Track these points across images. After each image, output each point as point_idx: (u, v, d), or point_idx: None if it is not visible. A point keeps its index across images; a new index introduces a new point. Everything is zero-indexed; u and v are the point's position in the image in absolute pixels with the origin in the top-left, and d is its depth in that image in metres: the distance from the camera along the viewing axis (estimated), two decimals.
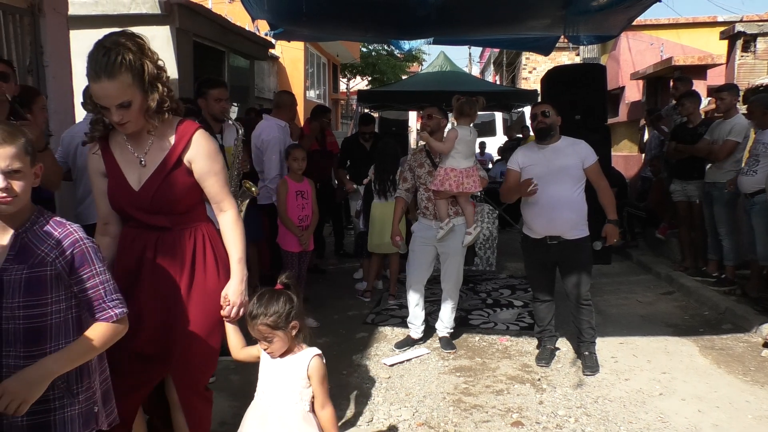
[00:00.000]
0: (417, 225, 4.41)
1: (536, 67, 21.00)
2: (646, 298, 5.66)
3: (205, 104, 3.84)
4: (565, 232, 3.84)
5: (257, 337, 2.16)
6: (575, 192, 3.82)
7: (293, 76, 13.06)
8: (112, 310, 1.76)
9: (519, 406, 3.43)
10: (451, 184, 4.06)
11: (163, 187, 2.17)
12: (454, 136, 4.08)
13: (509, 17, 6.55)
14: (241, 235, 2.32)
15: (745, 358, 4.10)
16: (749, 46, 6.43)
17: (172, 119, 2.22)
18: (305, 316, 2.23)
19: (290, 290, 2.20)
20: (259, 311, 2.12)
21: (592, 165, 3.84)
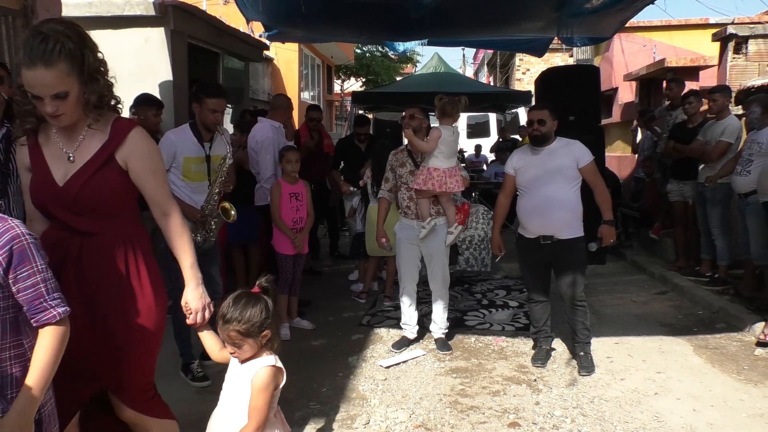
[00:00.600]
0: (399, 225, 4.42)
1: (530, 68, 21.06)
2: (641, 298, 5.69)
3: (198, 110, 3.70)
4: (558, 232, 3.86)
5: (226, 341, 2.10)
6: (570, 192, 3.84)
7: (288, 78, 13.03)
8: (55, 309, 1.68)
9: (515, 406, 3.44)
10: (434, 183, 4.08)
11: (90, 185, 2.03)
12: (438, 135, 4.10)
13: (503, 19, 6.57)
14: (189, 239, 2.21)
15: (738, 357, 4.12)
16: (741, 48, 6.47)
17: (109, 116, 2.09)
18: (280, 324, 2.23)
19: (268, 295, 2.14)
20: (233, 316, 2.05)
21: (587, 165, 3.85)
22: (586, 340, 3.99)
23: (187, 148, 3.69)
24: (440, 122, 4.20)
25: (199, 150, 3.73)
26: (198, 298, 2.18)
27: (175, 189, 3.62)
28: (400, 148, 4.49)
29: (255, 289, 2.14)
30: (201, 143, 3.75)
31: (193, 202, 3.71)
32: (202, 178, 3.76)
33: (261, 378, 2.08)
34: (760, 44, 6.42)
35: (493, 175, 10.31)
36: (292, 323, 4.75)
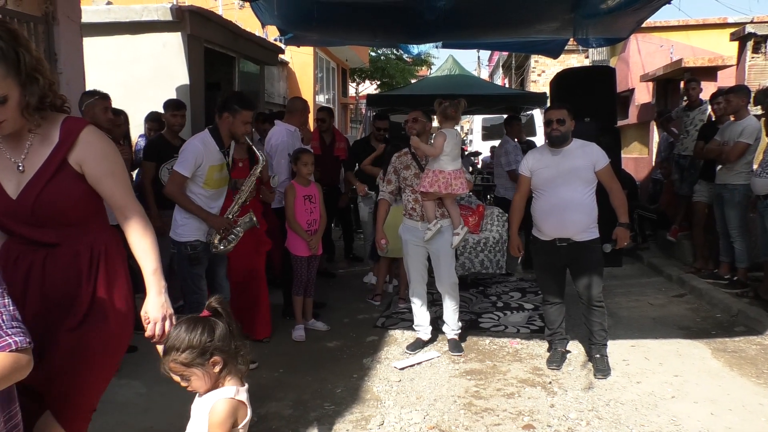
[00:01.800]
0: (403, 227, 4.42)
1: (545, 70, 20.94)
2: (658, 301, 5.64)
3: (231, 121, 3.69)
4: (574, 234, 3.83)
5: (171, 376, 1.86)
6: (585, 194, 3.82)
7: (303, 81, 13.11)
8: (11, 337, 1.48)
9: (530, 409, 3.43)
10: (439, 186, 4.10)
11: (46, 195, 1.86)
12: (443, 139, 4.12)
13: (517, 21, 6.56)
14: (152, 244, 2.02)
15: (758, 361, 4.07)
16: (760, 47, 6.40)
17: (56, 116, 1.91)
18: (240, 346, 1.90)
19: (219, 317, 1.90)
20: (170, 345, 1.81)
21: (604, 167, 3.83)
22: (603, 342, 3.96)
23: (213, 156, 3.69)
24: (442, 126, 4.21)
25: (221, 158, 3.75)
26: (159, 307, 1.99)
27: (194, 197, 3.68)
28: (403, 151, 4.48)
29: (204, 313, 1.91)
30: (222, 150, 3.78)
31: (209, 209, 3.75)
32: (222, 185, 3.80)
33: (216, 413, 1.84)
34: None
35: None
36: (307, 325, 4.78)
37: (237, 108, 3.66)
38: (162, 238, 4.69)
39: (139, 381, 3.74)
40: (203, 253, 3.73)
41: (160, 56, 5.71)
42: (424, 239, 4.22)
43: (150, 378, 3.65)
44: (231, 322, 1.90)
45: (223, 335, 1.84)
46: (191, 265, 3.71)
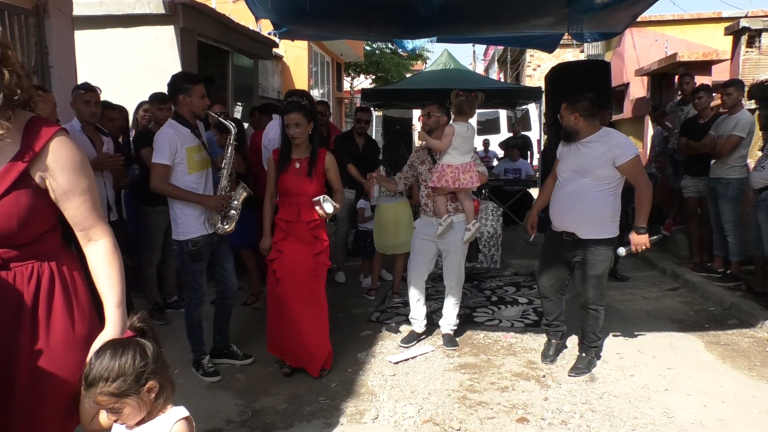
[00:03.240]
0: (419, 222, 4.44)
1: (540, 65, 20.95)
2: (652, 294, 5.66)
3: (188, 101, 3.62)
4: (578, 231, 3.74)
5: (98, 409, 1.64)
6: (596, 190, 3.64)
7: (297, 75, 13.05)
8: None
9: (524, 402, 3.44)
10: (447, 180, 4.08)
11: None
12: (451, 132, 4.08)
13: (512, 16, 6.55)
14: (119, 272, 1.79)
15: (750, 353, 4.09)
16: (754, 42, 6.40)
17: (22, 116, 1.67)
18: (168, 368, 1.70)
19: (146, 337, 1.69)
20: (96, 374, 1.56)
21: (625, 162, 3.55)
22: (591, 345, 3.89)
23: (186, 138, 3.63)
24: (455, 119, 4.18)
25: (194, 139, 3.70)
26: None
27: (186, 187, 3.64)
28: (421, 146, 4.47)
29: (128, 334, 1.69)
30: (193, 132, 3.72)
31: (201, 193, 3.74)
32: (205, 166, 3.75)
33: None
34: None
35: (503, 171, 10.28)
36: None
37: (188, 86, 3.63)
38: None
39: None
40: (205, 248, 3.73)
41: (153, 50, 5.67)
42: (436, 234, 4.21)
43: None
44: (158, 339, 1.70)
45: (156, 357, 1.64)
46: (193, 262, 3.70)
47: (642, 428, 3.11)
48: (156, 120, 4.68)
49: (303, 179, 3.67)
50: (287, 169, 3.71)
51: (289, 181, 3.70)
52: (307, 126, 3.64)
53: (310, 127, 3.66)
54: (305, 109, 3.61)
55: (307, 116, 3.62)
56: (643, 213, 3.66)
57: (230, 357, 4.05)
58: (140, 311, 1.78)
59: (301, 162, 3.71)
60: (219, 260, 3.87)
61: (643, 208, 3.65)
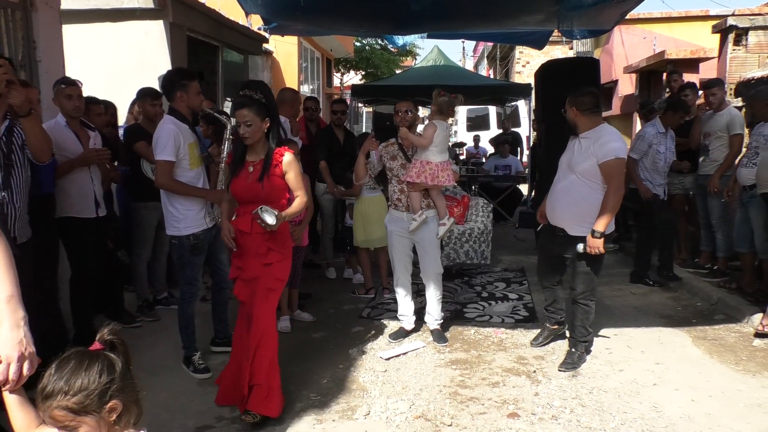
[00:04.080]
0: (389, 218, 4.42)
1: (530, 61, 21.02)
2: (640, 290, 5.71)
3: (185, 97, 3.67)
4: (566, 227, 3.79)
5: (52, 424, 1.44)
6: (582, 187, 3.68)
7: (287, 71, 13.00)
8: None
9: (515, 397, 3.46)
10: (426, 176, 4.10)
11: None
12: (433, 131, 4.11)
13: (503, 12, 6.55)
14: (8, 265, 1.60)
15: (737, 348, 4.14)
16: (741, 40, 6.46)
17: None
18: (137, 388, 1.53)
19: (116, 351, 1.51)
20: (56, 387, 1.40)
21: (603, 162, 3.57)
22: (580, 339, 3.91)
23: (186, 134, 3.69)
24: (434, 117, 4.20)
25: (192, 135, 3.77)
26: (15, 344, 1.53)
27: (187, 182, 3.66)
28: (390, 141, 4.46)
29: (95, 346, 1.51)
30: (191, 128, 3.78)
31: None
32: (201, 162, 3.82)
33: None
34: (761, 36, 6.41)
35: (493, 167, 10.31)
36: (292, 316, 4.78)
37: (185, 83, 3.68)
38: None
39: None
40: (204, 242, 3.77)
41: (142, 45, 5.63)
42: (409, 230, 4.23)
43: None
44: (128, 356, 1.54)
45: (123, 374, 1.47)
46: (193, 255, 3.72)
47: (631, 423, 3.14)
48: (147, 116, 4.65)
49: (254, 185, 3.20)
50: (239, 173, 3.27)
51: (240, 187, 3.26)
52: (261, 124, 3.19)
53: (264, 125, 3.21)
54: (258, 105, 3.18)
55: (261, 113, 3.18)
56: (604, 218, 3.57)
57: (230, 345, 4.05)
58: (112, 323, 1.62)
59: (255, 165, 3.25)
60: (215, 252, 3.92)
61: (605, 213, 3.57)
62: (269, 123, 3.23)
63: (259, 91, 3.23)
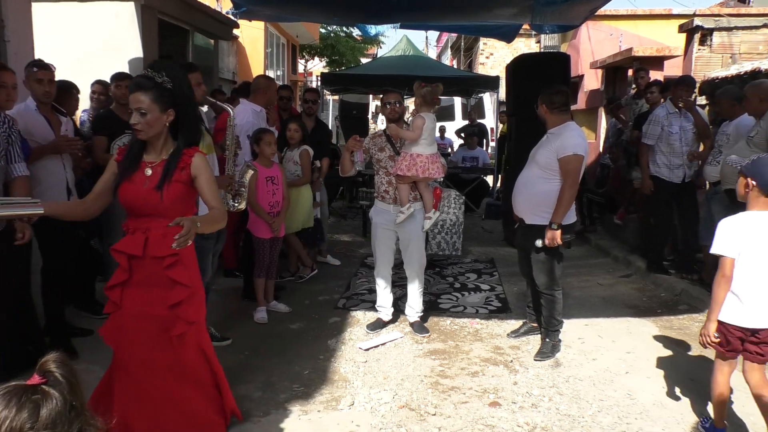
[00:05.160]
0: (375, 210, 4.43)
1: (493, 53, 21.27)
2: (606, 281, 5.88)
3: None
4: (525, 216, 3.96)
5: None
6: (540, 178, 3.82)
7: (253, 57, 12.79)
8: None
9: (495, 387, 3.54)
10: (417, 169, 4.12)
11: None
12: (422, 123, 4.12)
13: (477, 5, 6.61)
14: None
15: None
16: (706, 40, 6.69)
17: None
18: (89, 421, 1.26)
19: (57, 386, 1.22)
20: None
21: (562, 158, 3.73)
22: (551, 329, 4.01)
23: None
24: (420, 110, 4.21)
25: None
26: None
27: None
28: (377, 133, 4.47)
29: (34, 380, 1.23)
30: None
31: None
32: (210, 151, 3.76)
33: None
34: (724, 37, 6.65)
35: (461, 159, 10.41)
36: (268, 307, 4.75)
37: None
38: None
39: (98, 366, 3.63)
40: None
41: (112, 27, 5.45)
42: (396, 222, 4.24)
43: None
44: (75, 390, 1.27)
45: (55, 415, 1.19)
46: (204, 239, 3.59)
47: (608, 410, 3.25)
48: (116, 98, 4.52)
49: (151, 193, 2.46)
50: (132, 177, 2.51)
51: (133, 195, 2.48)
52: (161, 115, 2.47)
53: (166, 118, 2.50)
54: (159, 90, 2.46)
55: (162, 100, 2.47)
56: (560, 210, 3.70)
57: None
58: (58, 352, 1.31)
59: (154, 167, 2.53)
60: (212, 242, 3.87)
61: (561, 206, 3.70)
62: (173, 115, 2.52)
63: (166, 73, 2.49)
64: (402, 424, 3.10)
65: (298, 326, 4.55)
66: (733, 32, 6.60)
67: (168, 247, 2.31)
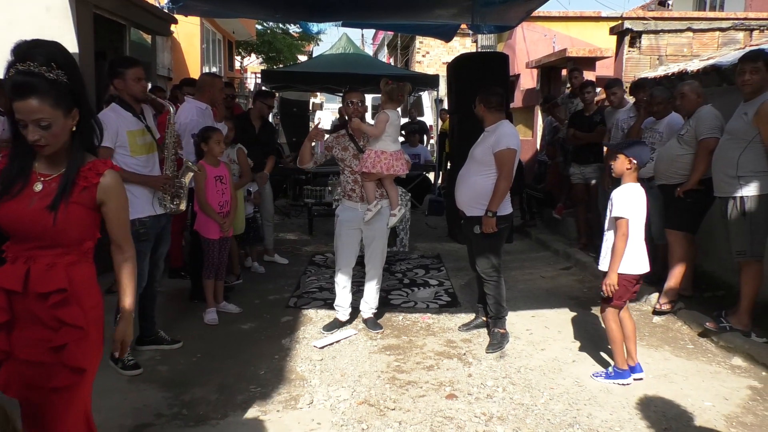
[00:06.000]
0: (341, 208, 4.44)
1: (429, 51, 21.56)
2: (548, 273, 6.11)
3: (123, 85, 3.59)
4: (464, 208, 4.18)
5: None
6: (478, 173, 4.07)
7: (188, 53, 12.47)
8: None
9: (450, 379, 3.62)
10: (382, 166, 4.16)
11: None
12: (386, 119, 4.17)
13: (419, 5, 6.72)
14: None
15: (639, 326, 4.53)
16: (635, 42, 7.04)
17: None
18: None
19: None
20: None
21: (497, 151, 3.97)
22: (497, 316, 4.15)
23: (128, 122, 3.60)
24: (385, 107, 4.25)
25: (137, 122, 3.67)
26: None
27: (130, 169, 3.55)
28: (341, 132, 4.45)
29: None
30: (136, 116, 3.67)
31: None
32: (151, 150, 3.72)
33: None
34: (652, 39, 7.01)
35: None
36: (219, 308, 4.67)
37: (122, 70, 3.60)
38: None
39: None
40: (152, 229, 3.67)
41: (43, 21, 5.19)
42: (364, 220, 4.25)
43: None
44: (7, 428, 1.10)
45: None
46: (140, 242, 3.51)
47: (558, 397, 3.40)
48: None
49: (40, 213, 1.90)
50: (18, 192, 1.93)
51: (15, 214, 1.92)
52: (66, 120, 1.90)
53: (73, 121, 1.93)
54: (56, 88, 1.86)
55: (63, 100, 1.88)
56: (495, 200, 3.98)
57: (157, 343, 3.94)
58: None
59: (46, 182, 1.95)
60: (156, 243, 3.78)
61: (496, 195, 3.98)
62: (78, 115, 1.95)
63: (56, 63, 1.87)
64: (363, 419, 3.14)
65: (250, 326, 4.50)
66: (660, 35, 6.98)
67: (54, 281, 1.90)
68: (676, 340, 4.28)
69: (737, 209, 4.06)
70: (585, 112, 6.49)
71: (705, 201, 4.53)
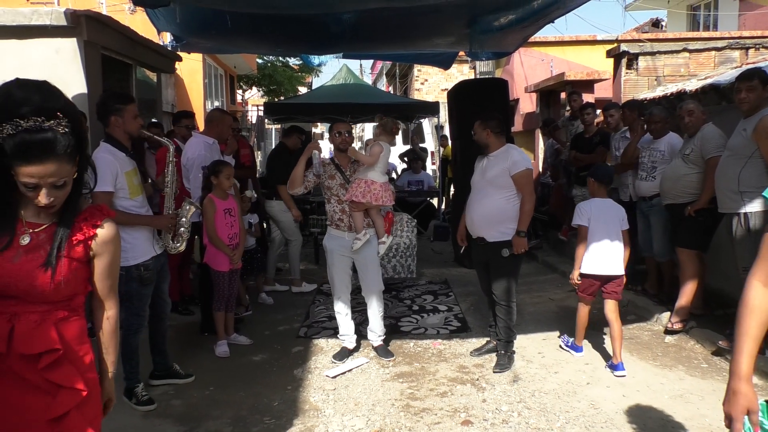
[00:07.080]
0: (328, 237, 4.44)
1: (428, 79, 21.81)
2: (557, 296, 6.10)
3: (120, 122, 3.48)
4: (486, 235, 4.17)
5: None
6: (498, 198, 4.10)
7: (191, 88, 12.67)
8: None
9: (464, 405, 3.61)
10: (371, 197, 4.22)
11: None
12: (380, 150, 4.26)
13: (417, 35, 6.84)
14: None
15: (652, 345, 4.56)
16: (632, 64, 7.16)
17: None
18: None
19: None
20: None
21: (516, 173, 4.05)
22: (507, 339, 4.21)
23: (123, 163, 3.50)
24: (379, 139, 4.33)
25: (131, 162, 3.57)
26: None
27: (129, 211, 3.49)
28: (326, 161, 4.51)
29: None
30: (129, 155, 3.58)
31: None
32: (142, 190, 3.65)
33: None
34: (649, 61, 7.13)
35: (406, 183, 10.58)
36: (229, 340, 4.68)
37: (120, 107, 3.49)
38: None
39: None
40: (154, 271, 3.62)
41: (53, 63, 5.31)
42: (353, 249, 4.29)
43: None
44: None
45: None
46: (143, 286, 3.56)
47: (575, 420, 3.38)
48: None
49: (33, 269, 1.67)
50: (4, 248, 1.67)
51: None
52: (72, 169, 1.66)
53: (75, 170, 1.68)
54: (64, 143, 1.60)
55: (72, 154, 1.64)
56: (524, 220, 4.08)
57: (173, 377, 3.94)
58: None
59: (35, 234, 1.72)
60: (158, 281, 3.75)
61: (524, 215, 4.09)
62: (78, 162, 1.69)
63: (61, 112, 1.60)
64: None
65: (261, 358, 4.50)
66: (657, 56, 7.09)
67: (44, 341, 1.67)
68: (690, 360, 4.26)
69: (742, 226, 4.09)
70: (585, 134, 6.57)
71: (714, 218, 4.56)
